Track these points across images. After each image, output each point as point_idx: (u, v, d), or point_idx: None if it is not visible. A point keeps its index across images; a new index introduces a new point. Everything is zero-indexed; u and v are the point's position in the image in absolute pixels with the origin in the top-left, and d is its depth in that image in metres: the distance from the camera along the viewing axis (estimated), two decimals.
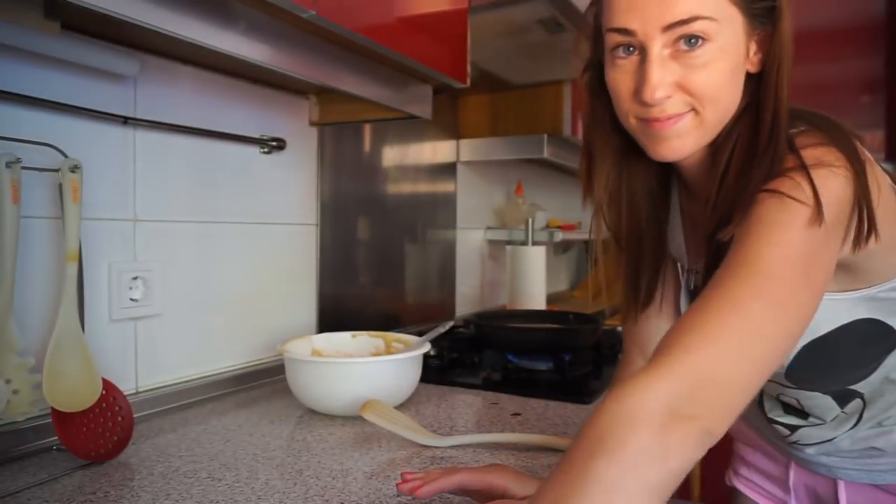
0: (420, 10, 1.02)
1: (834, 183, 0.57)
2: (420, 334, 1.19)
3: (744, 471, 0.98)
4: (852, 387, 0.74)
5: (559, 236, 2.10)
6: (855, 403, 0.75)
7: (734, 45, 0.61)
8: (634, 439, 0.46)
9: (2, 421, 0.78)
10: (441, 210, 1.90)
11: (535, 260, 1.90)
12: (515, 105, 1.95)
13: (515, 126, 1.95)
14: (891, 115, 2.40)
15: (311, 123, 1.34)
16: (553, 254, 2.75)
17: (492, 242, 2.20)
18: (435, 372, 1.29)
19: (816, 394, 0.76)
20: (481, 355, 1.34)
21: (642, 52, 0.61)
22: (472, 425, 0.97)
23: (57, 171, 0.82)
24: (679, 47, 0.60)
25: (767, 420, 0.84)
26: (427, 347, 1.08)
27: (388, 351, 1.19)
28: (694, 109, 0.62)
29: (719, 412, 0.50)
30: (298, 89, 1.28)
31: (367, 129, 1.54)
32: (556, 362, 1.28)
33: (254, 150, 1.21)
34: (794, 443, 0.83)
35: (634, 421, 0.47)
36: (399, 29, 0.97)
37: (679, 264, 0.83)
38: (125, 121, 0.96)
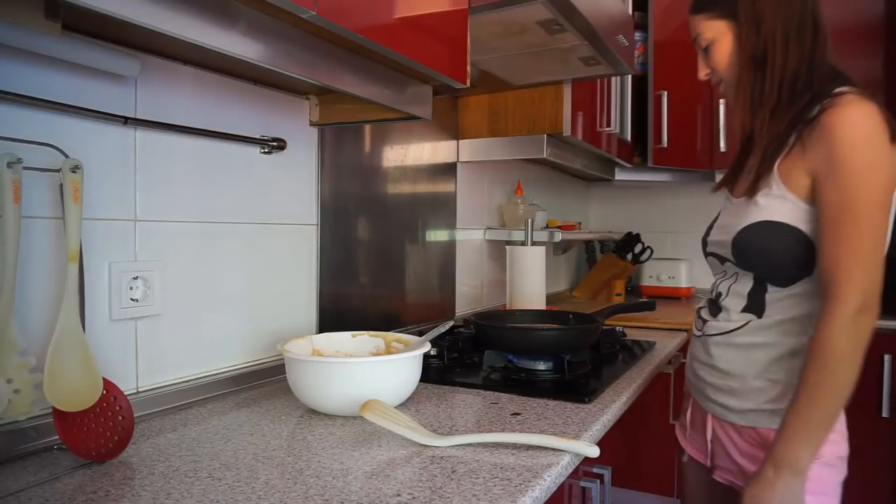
0: (420, 11, 1.02)
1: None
2: (420, 334, 1.19)
3: (682, 419, 1.24)
4: (769, 285, 1.01)
5: (559, 236, 2.10)
6: (746, 316, 1.03)
7: (723, 38, 1.06)
8: (845, 339, 0.88)
9: (3, 420, 0.78)
10: (441, 210, 1.90)
11: (534, 260, 1.90)
12: (515, 105, 1.95)
13: (515, 126, 1.96)
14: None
15: (312, 124, 1.34)
16: (553, 254, 2.75)
17: (492, 242, 2.20)
18: (435, 372, 1.30)
19: (740, 284, 1.05)
20: (481, 355, 1.34)
21: None
22: (472, 425, 0.97)
23: (58, 171, 0.83)
24: (701, 50, 1.10)
25: (698, 314, 1.16)
26: (427, 347, 1.08)
27: (388, 351, 1.19)
28: (721, 79, 1.09)
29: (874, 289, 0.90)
30: (298, 90, 1.28)
31: (367, 129, 1.54)
32: (556, 362, 1.29)
33: (254, 150, 1.21)
34: (700, 337, 1.12)
35: (843, 330, 0.88)
36: (399, 29, 0.98)
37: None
38: (126, 121, 0.96)
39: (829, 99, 0.94)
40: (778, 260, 0.98)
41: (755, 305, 1.02)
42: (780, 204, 0.97)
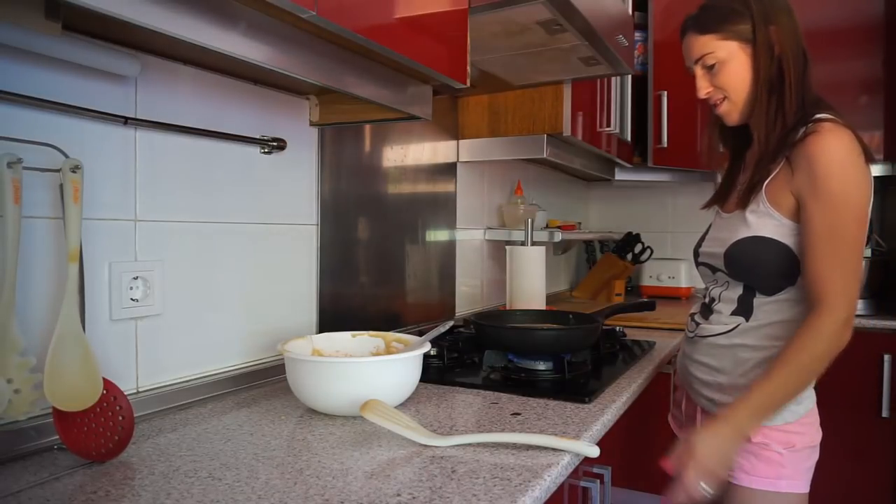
0: (420, 11, 1.02)
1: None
2: (420, 334, 1.19)
3: (674, 409, 1.34)
4: (755, 297, 1.09)
5: (559, 236, 2.10)
6: (736, 319, 1.12)
7: (733, 58, 1.10)
8: (825, 344, 0.98)
9: (3, 420, 0.78)
10: (441, 210, 1.90)
11: (534, 260, 1.90)
12: (515, 105, 1.95)
13: (515, 126, 1.96)
14: (889, 115, 2.41)
15: (312, 124, 1.34)
16: (553, 254, 2.75)
17: (492, 242, 2.20)
18: (435, 372, 1.30)
19: (731, 290, 1.13)
20: (481, 355, 1.34)
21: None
22: (472, 425, 0.97)
23: (58, 171, 0.83)
24: (705, 67, 1.12)
25: (691, 317, 1.24)
26: (427, 347, 1.08)
27: (388, 351, 1.19)
28: (725, 97, 1.13)
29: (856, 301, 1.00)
30: (299, 90, 1.28)
31: (367, 129, 1.55)
32: (556, 362, 1.29)
33: (254, 151, 1.21)
34: (693, 338, 1.20)
35: (828, 337, 0.98)
36: (399, 29, 0.98)
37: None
38: (126, 121, 0.96)
39: (812, 125, 1.02)
40: (765, 271, 1.07)
41: (744, 309, 1.11)
42: (767, 221, 1.07)
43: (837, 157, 0.99)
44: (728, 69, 1.10)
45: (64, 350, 0.79)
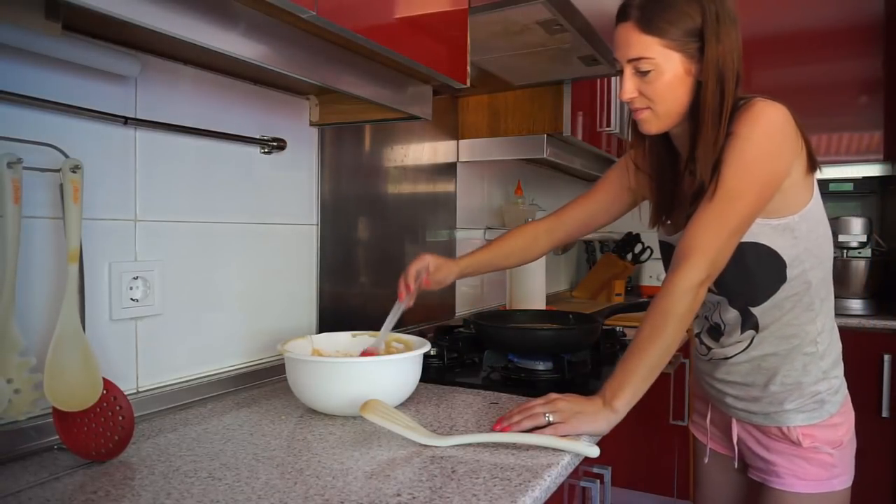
0: (420, 11, 1.02)
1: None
2: (420, 334, 1.19)
3: (695, 417, 1.30)
4: (752, 309, 1.06)
5: None
6: (749, 333, 1.08)
7: (671, 71, 0.98)
8: (685, 302, 0.93)
9: (3, 420, 0.78)
10: (441, 210, 1.90)
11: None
12: (515, 105, 1.96)
13: (515, 126, 1.96)
14: (889, 115, 2.41)
15: (312, 124, 1.34)
16: (553, 254, 2.75)
17: None
18: (435, 372, 1.30)
19: (732, 310, 1.08)
20: (481, 355, 1.34)
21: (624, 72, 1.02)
22: (472, 425, 0.97)
23: (58, 171, 0.83)
24: (638, 71, 0.99)
25: (699, 339, 1.18)
26: (427, 347, 1.08)
27: (388, 351, 1.19)
28: (649, 107, 1.01)
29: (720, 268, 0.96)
30: (299, 90, 1.28)
31: (367, 129, 1.55)
32: (556, 362, 1.29)
33: (254, 150, 1.22)
34: (709, 360, 1.16)
35: (685, 294, 0.93)
36: (399, 29, 0.98)
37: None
38: (126, 121, 0.96)
39: (737, 112, 0.97)
40: (755, 278, 1.03)
41: (750, 322, 1.08)
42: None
43: (761, 127, 0.94)
44: (663, 81, 0.98)
45: (64, 350, 0.79)
